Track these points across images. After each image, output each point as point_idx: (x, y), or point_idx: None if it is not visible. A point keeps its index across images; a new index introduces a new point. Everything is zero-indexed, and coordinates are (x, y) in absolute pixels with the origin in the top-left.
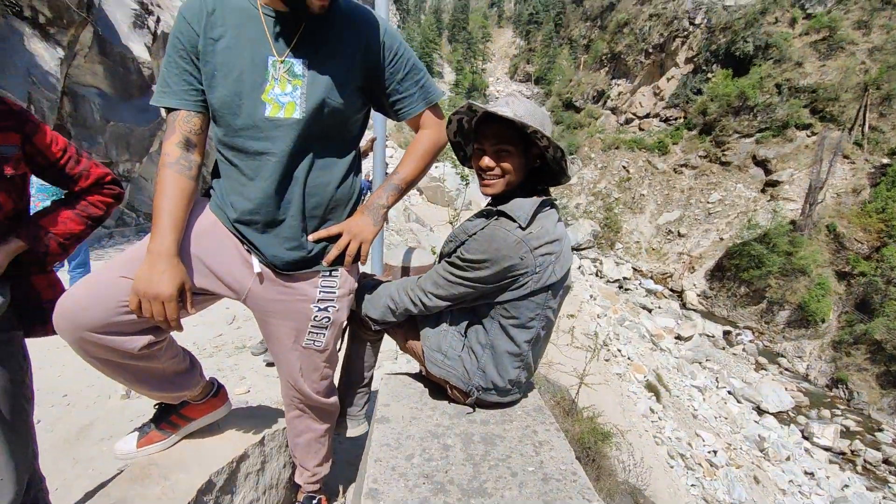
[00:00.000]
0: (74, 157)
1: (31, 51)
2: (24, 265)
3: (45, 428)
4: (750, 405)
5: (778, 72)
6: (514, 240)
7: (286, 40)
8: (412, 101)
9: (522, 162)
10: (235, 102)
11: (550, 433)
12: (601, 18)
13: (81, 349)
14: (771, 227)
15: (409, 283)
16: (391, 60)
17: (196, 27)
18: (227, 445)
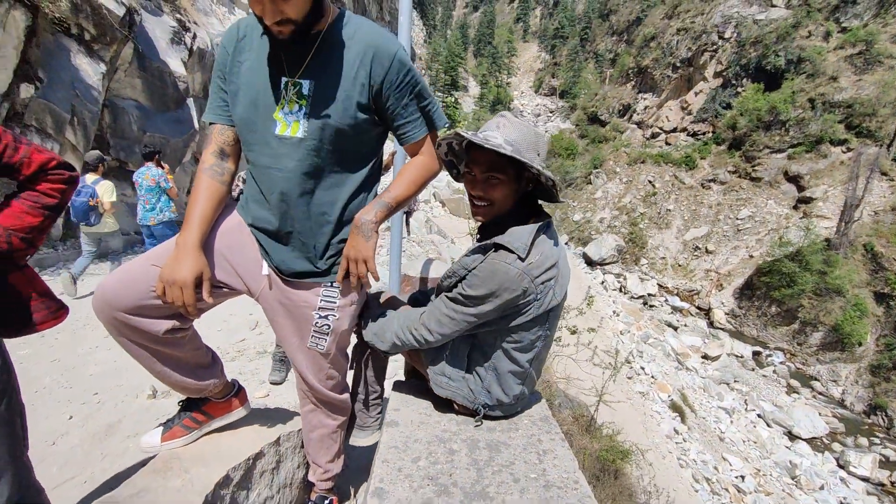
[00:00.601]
0: (11, 145)
1: (76, 66)
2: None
3: (76, 423)
4: (781, 430)
5: (811, 86)
6: (515, 273)
7: (298, 62)
8: (413, 128)
9: (514, 188)
10: (252, 119)
11: (555, 442)
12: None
13: (114, 328)
14: (804, 245)
15: (412, 321)
16: (396, 85)
17: (229, 50)
18: (245, 443)
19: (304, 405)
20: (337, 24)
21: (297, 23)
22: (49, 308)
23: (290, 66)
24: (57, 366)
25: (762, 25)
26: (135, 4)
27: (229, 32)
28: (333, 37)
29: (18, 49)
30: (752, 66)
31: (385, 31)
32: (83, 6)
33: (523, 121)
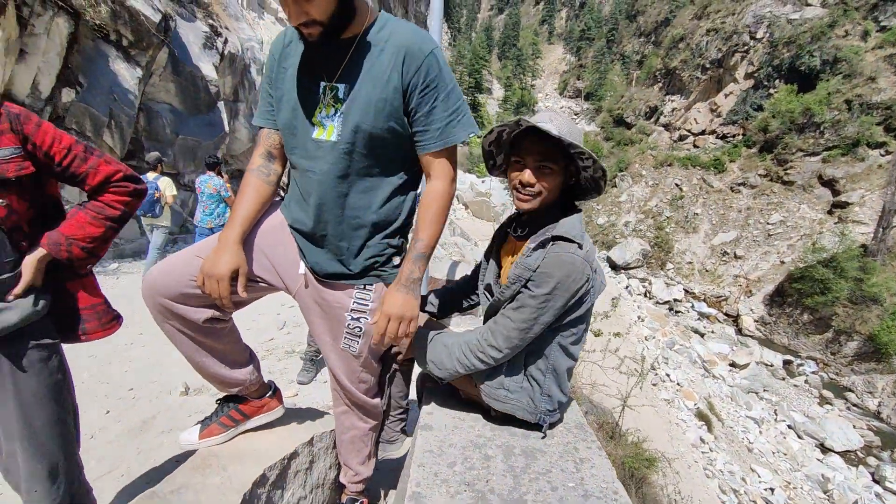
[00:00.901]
0: (81, 155)
1: (114, 70)
2: (59, 272)
3: (113, 418)
4: (812, 442)
5: (848, 87)
6: (580, 262)
7: (335, 66)
8: (428, 138)
9: (561, 180)
10: (293, 123)
11: (592, 451)
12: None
13: (159, 314)
14: (839, 251)
15: (473, 344)
16: (422, 89)
17: (276, 56)
18: (280, 443)
19: (338, 406)
20: (374, 28)
21: (323, 24)
22: (101, 319)
23: (328, 70)
24: (94, 361)
25: (796, 25)
26: (170, 11)
27: (277, 39)
28: (369, 40)
29: (61, 55)
30: (785, 66)
31: (423, 32)
32: (122, 13)
33: (566, 116)
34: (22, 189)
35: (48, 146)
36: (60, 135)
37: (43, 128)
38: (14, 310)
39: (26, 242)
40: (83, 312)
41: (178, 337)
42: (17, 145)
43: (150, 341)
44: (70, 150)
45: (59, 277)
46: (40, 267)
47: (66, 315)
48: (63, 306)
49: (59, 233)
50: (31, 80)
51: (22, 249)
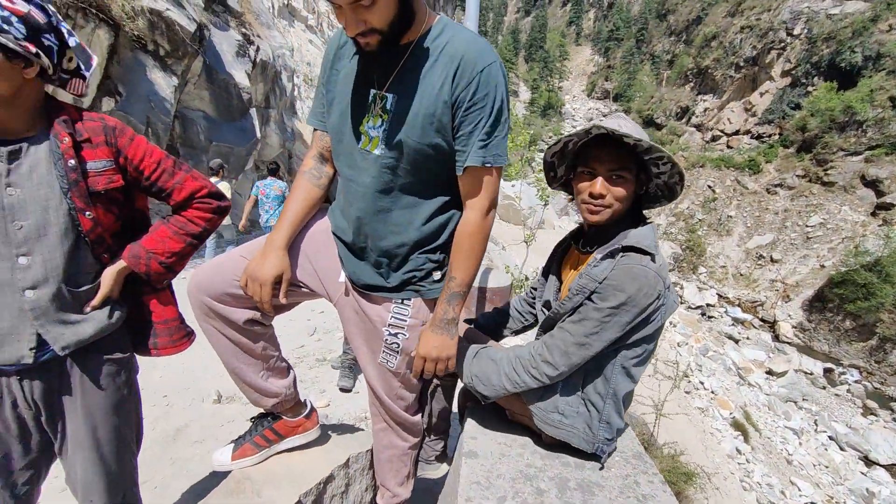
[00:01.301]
0: (169, 170)
1: (151, 80)
2: (137, 285)
3: (148, 426)
4: (856, 454)
5: (892, 83)
6: (652, 275)
7: (387, 74)
8: (462, 157)
9: (634, 189)
10: (341, 129)
11: (655, 486)
12: (687, 32)
13: (201, 312)
14: (884, 255)
15: (524, 359)
16: (468, 106)
17: (329, 57)
18: (315, 466)
19: (376, 423)
20: (431, 35)
21: (382, 32)
22: (172, 335)
23: (380, 78)
24: None
25: (836, 20)
26: (204, 20)
27: (332, 39)
28: (424, 48)
29: (102, 66)
30: (824, 63)
31: (483, 42)
32: (159, 23)
33: (634, 122)
34: (109, 202)
35: (139, 160)
36: (152, 149)
37: (136, 141)
38: (90, 322)
39: (108, 255)
40: (156, 327)
41: (218, 338)
42: (110, 158)
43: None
44: (159, 165)
45: (136, 291)
46: (119, 279)
47: (140, 328)
48: (137, 319)
49: (141, 246)
50: None
51: (104, 262)
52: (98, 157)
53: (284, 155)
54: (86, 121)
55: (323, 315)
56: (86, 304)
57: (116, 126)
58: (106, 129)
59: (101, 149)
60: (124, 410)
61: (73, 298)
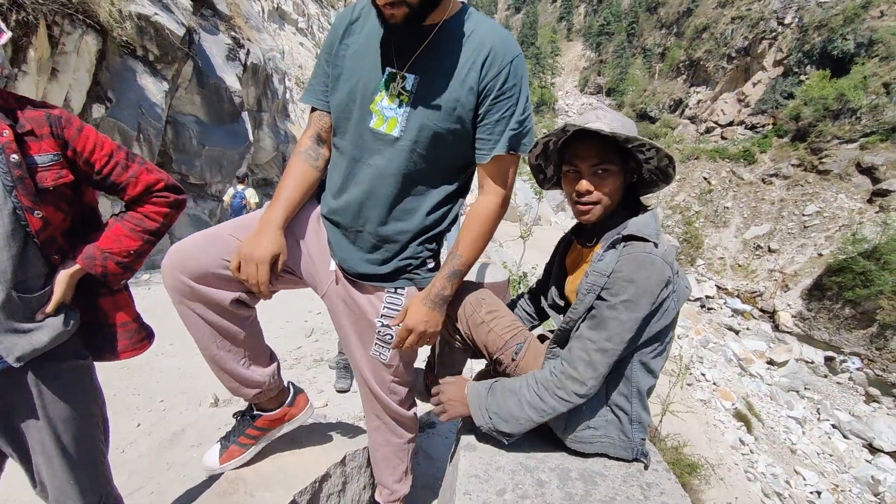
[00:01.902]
0: (122, 162)
1: (141, 85)
2: (91, 287)
3: (144, 431)
4: (860, 442)
5: (886, 70)
6: (659, 261)
7: (408, 54)
8: (490, 147)
9: (622, 180)
10: (349, 107)
11: (659, 473)
12: (678, 25)
13: (178, 293)
14: (881, 242)
15: (546, 381)
16: (497, 95)
17: (339, 32)
18: (310, 464)
19: (370, 421)
20: (456, 19)
21: (411, 5)
22: (132, 338)
23: (399, 57)
24: (126, 372)
25: (827, 8)
26: (194, 25)
27: (342, 14)
28: (450, 32)
29: (90, 72)
30: (816, 51)
31: (508, 34)
32: (147, 28)
33: (612, 110)
34: (59, 198)
35: (89, 152)
36: (102, 140)
37: (84, 132)
38: (44, 329)
39: (59, 256)
40: (114, 330)
41: (197, 323)
42: (56, 151)
43: (180, 352)
44: (111, 157)
45: (91, 293)
46: (73, 283)
47: (97, 332)
48: (93, 323)
49: (95, 246)
50: (63, 97)
51: (54, 263)
52: (44, 150)
53: (278, 158)
54: (27, 110)
55: (320, 316)
56: (38, 311)
57: (62, 116)
58: (50, 119)
59: (47, 141)
60: (89, 415)
61: (24, 305)
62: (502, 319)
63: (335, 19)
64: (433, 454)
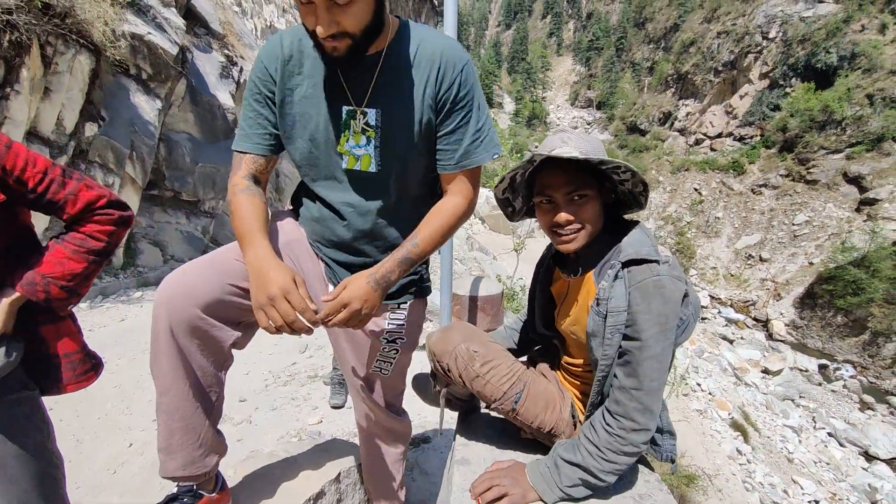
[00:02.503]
0: (58, 179)
1: (134, 103)
2: (31, 314)
3: (136, 451)
4: (856, 449)
5: (868, 82)
6: (670, 281)
7: (361, 88)
8: (449, 157)
9: (600, 203)
10: (314, 154)
11: (651, 484)
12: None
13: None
14: (870, 250)
15: (611, 444)
16: (452, 105)
17: (273, 73)
18: (303, 482)
19: (363, 435)
20: (400, 41)
21: (354, 37)
22: (75, 370)
23: (353, 93)
24: (118, 391)
25: (809, 22)
26: (187, 43)
27: (270, 51)
28: (398, 55)
29: (83, 91)
30: (800, 65)
31: (453, 41)
32: (141, 47)
33: (581, 131)
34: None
35: (20, 170)
36: (34, 157)
37: (14, 149)
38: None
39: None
40: (57, 361)
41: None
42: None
43: None
44: (46, 175)
45: (31, 321)
46: (12, 311)
47: (40, 364)
48: (36, 354)
49: (35, 271)
50: (56, 116)
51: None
52: None
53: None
54: None
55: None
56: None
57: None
58: None
59: None
60: (44, 451)
61: None
62: (498, 369)
63: (262, 57)
64: (428, 469)
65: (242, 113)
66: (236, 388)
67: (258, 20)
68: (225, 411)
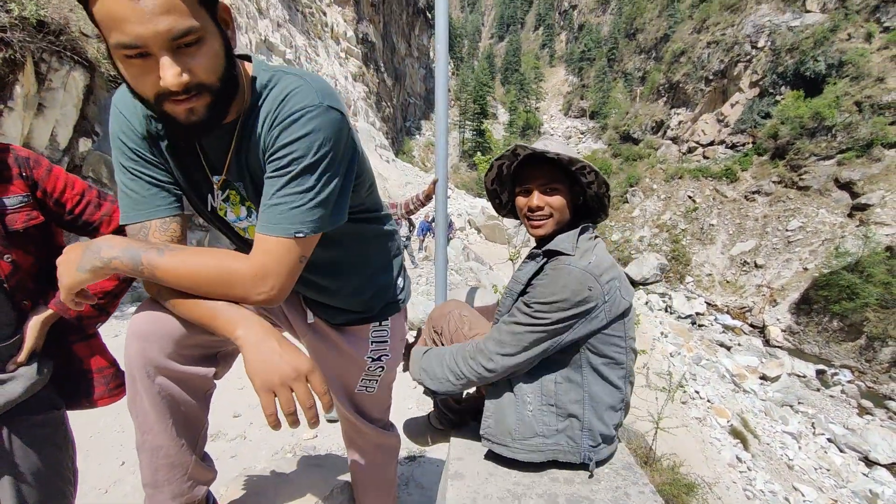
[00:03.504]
0: (94, 201)
1: None
2: (62, 333)
3: (128, 470)
4: (856, 455)
5: (857, 89)
6: (578, 272)
7: (217, 156)
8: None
9: (570, 199)
10: (211, 226)
11: (646, 497)
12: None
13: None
14: (864, 255)
15: (466, 350)
16: (273, 151)
17: (149, 133)
18: (297, 499)
19: (353, 454)
20: (254, 98)
21: (213, 89)
22: (108, 384)
23: (215, 161)
24: (110, 410)
25: (797, 32)
26: None
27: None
28: (254, 116)
29: (78, 107)
30: (789, 73)
31: (307, 81)
32: None
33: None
34: (28, 241)
35: (60, 192)
36: (73, 180)
37: (54, 173)
38: (18, 380)
39: (29, 301)
40: (90, 377)
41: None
42: (25, 193)
43: None
44: (83, 197)
45: (63, 339)
46: (45, 329)
47: (72, 380)
48: (68, 371)
49: None
50: (49, 132)
51: (23, 310)
52: (12, 192)
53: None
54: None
55: None
56: (10, 361)
57: (30, 157)
58: (18, 160)
59: (16, 182)
60: (61, 469)
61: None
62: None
63: (123, 114)
64: (424, 483)
65: (120, 181)
66: (230, 404)
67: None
68: (218, 427)
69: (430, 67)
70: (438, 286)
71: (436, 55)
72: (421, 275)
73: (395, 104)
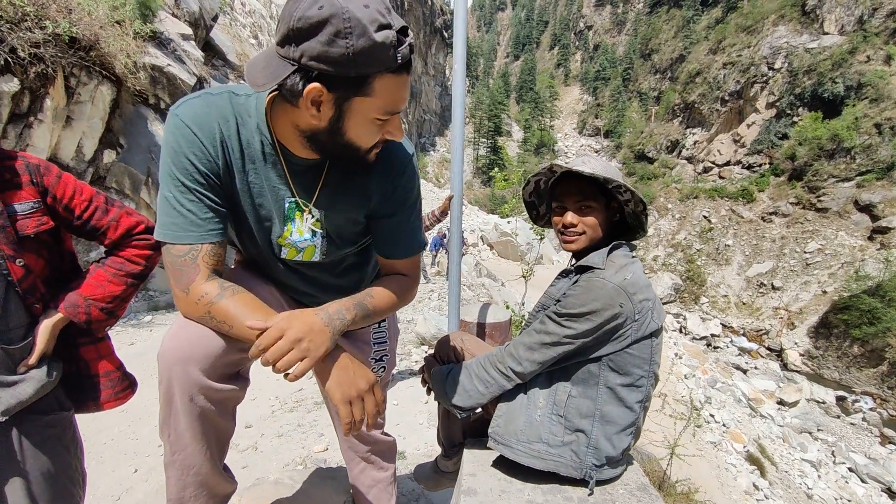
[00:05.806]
0: (102, 207)
1: (152, 132)
2: (71, 336)
3: (141, 477)
4: (878, 486)
5: (876, 111)
6: (611, 287)
7: (308, 185)
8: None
9: (604, 217)
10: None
11: None
12: (671, 70)
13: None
14: (885, 279)
15: (495, 356)
16: (396, 197)
17: (213, 152)
18: None
19: (355, 466)
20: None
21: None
22: (115, 388)
23: (298, 189)
24: (125, 417)
25: (815, 53)
26: (205, 74)
27: (203, 127)
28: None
29: (104, 120)
30: (807, 94)
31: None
32: (160, 78)
33: (601, 158)
34: (40, 246)
35: (69, 199)
36: (81, 186)
37: (64, 179)
38: (28, 382)
39: (40, 305)
40: (97, 380)
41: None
42: (36, 199)
43: None
44: (91, 202)
45: (72, 342)
46: (55, 332)
47: (79, 383)
48: (76, 374)
49: (78, 293)
50: (76, 144)
51: (35, 313)
52: (24, 198)
53: None
54: (4, 160)
55: None
56: (21, 363)
57: (40, 164)
58: (29, 167)
59: (27, 189)
60: (71, 470)
61: (7, 357)
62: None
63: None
64: (435, 500)
65: (175, 198)
66: (243, 414)
67: None
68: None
69: (445, 85)
70: (451, 302)
71: (453, 74)
72: (433, 290)
73: (410, 121)
